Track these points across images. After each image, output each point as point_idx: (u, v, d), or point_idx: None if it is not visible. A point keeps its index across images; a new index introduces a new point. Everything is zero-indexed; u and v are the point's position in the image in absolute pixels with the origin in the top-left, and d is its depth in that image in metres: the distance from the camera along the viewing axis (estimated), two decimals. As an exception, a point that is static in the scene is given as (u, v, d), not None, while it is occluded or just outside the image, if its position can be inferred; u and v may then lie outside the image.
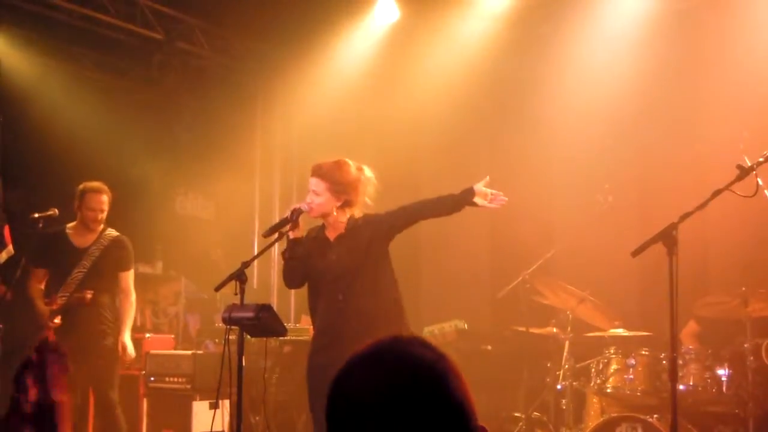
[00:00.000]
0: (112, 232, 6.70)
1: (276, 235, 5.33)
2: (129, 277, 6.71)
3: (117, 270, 6.66)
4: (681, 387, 5.82)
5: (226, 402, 6.33)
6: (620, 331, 6.53)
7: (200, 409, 7.09)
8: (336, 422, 1.59)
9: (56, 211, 6.67)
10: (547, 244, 7.27)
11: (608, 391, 6.25)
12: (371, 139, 8.83)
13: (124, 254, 6.71)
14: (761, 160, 4.38)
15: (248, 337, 5.30)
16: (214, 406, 6.21)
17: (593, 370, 6.39)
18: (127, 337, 6.56)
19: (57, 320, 6.32)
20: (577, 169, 8.13)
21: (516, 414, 7.35)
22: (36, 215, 6.61)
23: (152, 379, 7.32)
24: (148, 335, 7.70)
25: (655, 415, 5.90)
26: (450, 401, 1.57)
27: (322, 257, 5.22)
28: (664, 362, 5.95)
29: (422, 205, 5.24)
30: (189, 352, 7.54)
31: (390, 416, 1.53)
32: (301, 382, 5.39)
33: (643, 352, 6.14)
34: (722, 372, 5.86)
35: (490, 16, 8.43)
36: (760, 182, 4.35)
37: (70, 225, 6.68)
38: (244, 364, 4.97)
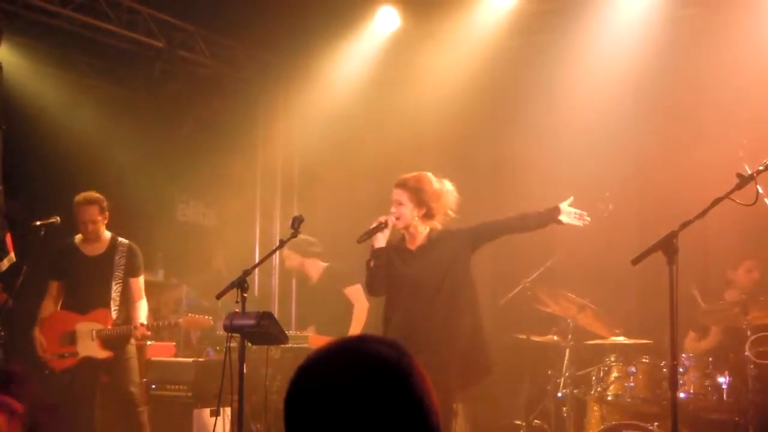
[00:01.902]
0: (124, 241, 6.88)
1: (277, 243, 5.40)
2: (140, 283, 6.92)
3: (129, 276, 6.84)
4: (681, 395, 5.83)
5: (228, 409, 6.33)
6: (621, 339, 6.54)
7: (201, 416, 7.10)
8: (294, 416, 1.60)
9: (58, 218, 6.70)
10: (548, 252, 7.28)
11: (609, 398, 6.26)
12: (373, 148, 8.85)
13: (138, 261, 6.91)
14: (761, 168, 4.39)
15: (249, 344, 5.31)
16: (216, 414, 6.23)
17: (594, 377, 6.40)
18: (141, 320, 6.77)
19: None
20: (578, 176, 8.13)
21: (517, 422, 7.35)
22: (38, 223, 6.65)
23: (153, 386, 7.33)
24: (149, 342, 7.70)
25: (656, 423, 5.91)
26: (409, 398, 1.58)
27: (404, 267, 5.35)
28: (664, 370, 5.95)
29: (507, 222, 5.43)
30: (190, 360, 7.55)
31: (347, 410, 1.55)
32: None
33: (644, 360, 6.14)
34: (722, 380, 5.87)
35: (491, 24, 8.45)
36: (760, 190, 4.36)
37: (77, 237, 6.84)
38: (245, 371, 4.99)
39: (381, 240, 5.29)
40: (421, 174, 5.35)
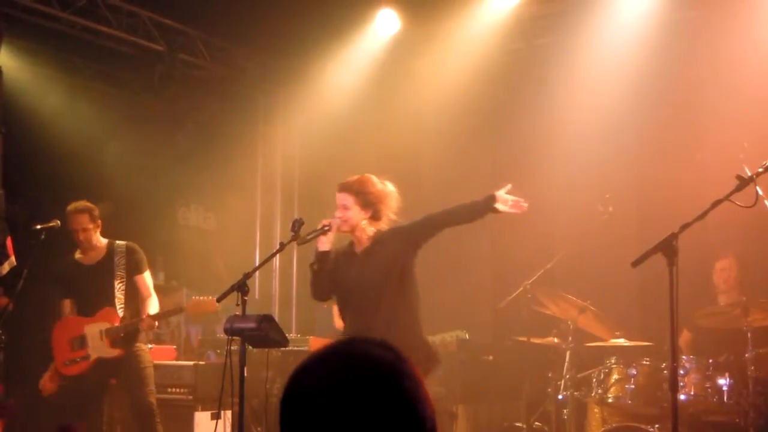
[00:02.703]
0: (121, 242, 6.87)
1: (277, 246, 5.39)
2: (146, 279, 6.87)
3: (133, 274, 6.82)
4: (682, 397, 5.83)
5: (228, 413, 6.33)
6: (621, 341, 6.54)
7: (202, 419, 7.10)
8: (289, 418, 1.61)
9: (58, 222, 6.70)
10: (548, 254, 7.28)
11: (609, 401, 6.25)
12: (372, 150, 8.85)
13: (139, 258, 6.87)
14: (761, 170, 4.39)
15: (250, 347, 5.31)
16: (216, 417, 6.22)
17: (594, 380, 6.39)
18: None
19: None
20: (578, 178, 8.14)
21: (517, 424, 7.34)
22: (38, 226, 6.64)
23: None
24: (150, 346, 7.70)
25: (656, 425, 5.90)
26: (403, 401, 1.58)
27: (350, 271, 5.31)
28: (665, 372, 5.94)
29: (446, 214, 5.36)
30: (191, 363, 7.55)
31: (341, 413, 1.55)
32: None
33: (644, 362, 6.14)
34: (723, 381, 5.86)
35: (490, 27, 8.46)
36: (760, 192, 4.37)
37: (77, 252, 6.86)
38: (245, 374, 4.98)
39: (325, 243, 5.24)
40: (364, 176, 5.34)
